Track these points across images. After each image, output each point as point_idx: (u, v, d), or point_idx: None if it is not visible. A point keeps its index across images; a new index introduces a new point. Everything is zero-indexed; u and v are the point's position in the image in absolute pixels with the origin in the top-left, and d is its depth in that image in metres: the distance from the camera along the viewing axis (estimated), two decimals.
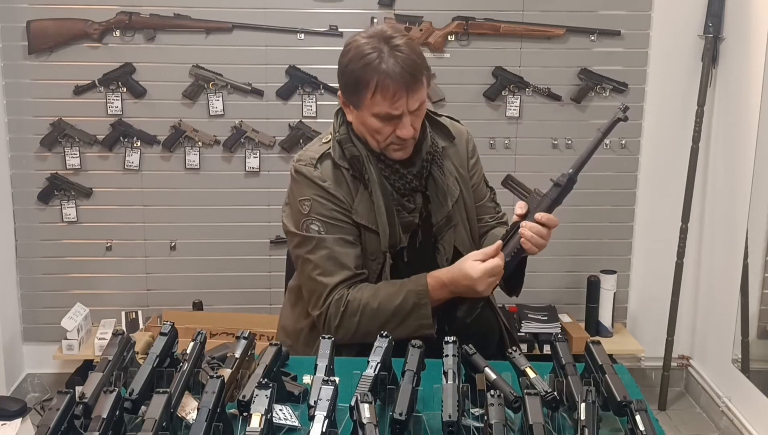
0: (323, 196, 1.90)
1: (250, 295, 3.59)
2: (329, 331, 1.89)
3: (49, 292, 3.54)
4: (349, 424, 1.38)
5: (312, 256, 1.90)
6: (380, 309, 1.86)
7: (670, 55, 3.47)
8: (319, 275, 1.90)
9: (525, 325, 3.44)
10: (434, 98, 3.43)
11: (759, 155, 3.11)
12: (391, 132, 1.84)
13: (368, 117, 1.84)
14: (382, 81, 1.77)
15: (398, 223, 1.90)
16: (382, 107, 1.80)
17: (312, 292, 1.93)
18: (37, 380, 3.64)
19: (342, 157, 1.91)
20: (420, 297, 1.86)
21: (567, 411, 1.52)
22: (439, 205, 1.96)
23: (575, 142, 3.50)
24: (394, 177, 1.91)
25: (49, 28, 3.31)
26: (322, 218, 1.89)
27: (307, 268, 1.92)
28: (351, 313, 1.87)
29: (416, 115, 1.85)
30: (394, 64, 1.77)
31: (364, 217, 1.90)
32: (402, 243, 1.92)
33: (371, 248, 1.92)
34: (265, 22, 3.36)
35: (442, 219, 1.96)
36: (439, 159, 1.96)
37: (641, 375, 3.69)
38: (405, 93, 1.78)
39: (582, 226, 3.59)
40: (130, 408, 1.41)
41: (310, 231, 1.90)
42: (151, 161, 3.46)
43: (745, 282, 3.22)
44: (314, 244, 1.90)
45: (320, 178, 1.91)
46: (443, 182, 1.96)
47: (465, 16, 3.37)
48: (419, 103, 1.83)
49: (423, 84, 1.82)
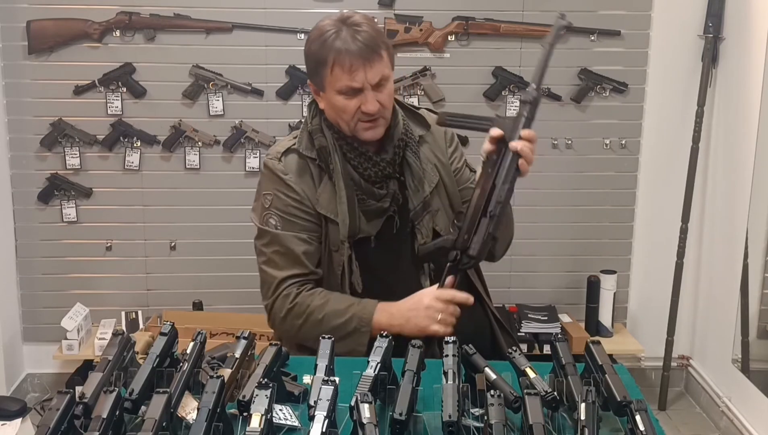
0: (283, 191, 1.93)
1: (250, 295, 3.55)
2: (273, 325, 1.97)
3: (49, 292, 3.54)
4: (349, 424, 1.38)
5: (266, 249, 1.95)
6: (323, 322, 1.88)
7: (670, 55, 3.47)
8: (270, 268, 1.95)
9: (525, 325, 3.44)
10: (434, 98, 3.43)
11: (759, 155, 3.11)
12: (356, 108, 1.85)
13: (333, 96, 1.86)
14: (338, 55, 1.81)
15: (360, 212, 1.92)
16: (342, 81, 1.82)
17: (263, 283, 1.99)
18: (37, 380, 3.64)
19: (310, 147, 1.94)
20: (362, 324, 1.88)
21: (567, 411, 1.52)
22: (416, 190, 1.97)
23: (575, 142, 3.50)
24: (366, 164, 1.92)
25: (49, 28, 3.31)
26: (280, 214, 1.93)
27: (260, 259, 1.98)
28: (295, 315, 1.91)
29: (381, 92, 1.85)
30: (350, 39, 1.81)
31: (326, 208, 1.92)
32: (363, 233, 1.94)
33: (333, 238, 1.94)
34: (265, 22, 3.36)
35: (419, 204, 1.97)
36: (413, 145, 1.98)
37: (641, 375, 3.69)
38: (362, 65, 1.81)
39: (582, 226, 3.60)
40: (130, 408, 1.41)
41: (268, 225, 1.95)
42: (151, 161, 3.47)
43: (745, 282, 3.22)
44: (269, 239, 1.95)
45: (282, 171, 1.94)
46: (419, 168, 1.97)
47: (465, 16, 3.37)
48: (380, 77, 1.84)
49: (383, 58, 1.84)
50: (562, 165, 3.52)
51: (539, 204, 3.53)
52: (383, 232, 1.96)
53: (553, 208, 3.56)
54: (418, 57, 3.42)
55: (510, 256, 3.55)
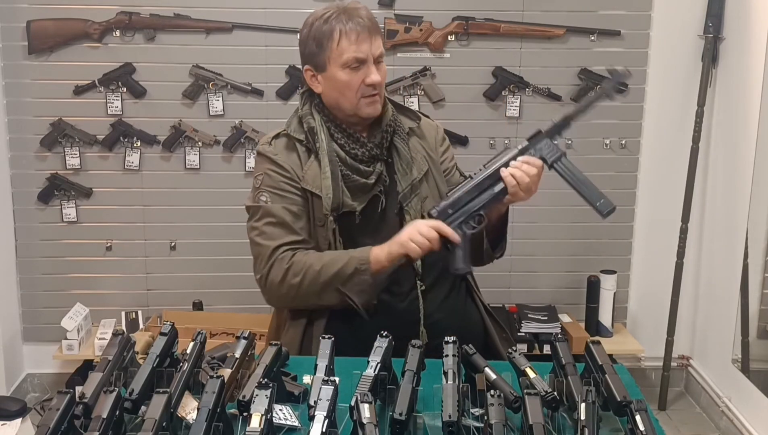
0: (272, 169, 2.00)
1: (250, 295, 3.56)
2: (270, 292, 1.99)
3: (49, 292, 3.54)
4: (349, 424, 1.38)
5: (258, 223, 1.99)
6: (321, 272, 1.92)
7: (670, 55, 3.47)
8: (264, 239, 1.97)
9: (525, 325, 3.44)
10: (434, 98, 3.43)
11: (759, 155, 3.11)
12: (360, 82, 1.93)
13: (337, 71, 1.93)
14: (345, 28, 1.91)
15: (344, 186, 1.97)
16: (349, 53, 1.91)
17: (256, 256, 2.01)
18: (37, 380, 3.64)
19: (299, 130, 2.02)
20: (361, 263, 1.91)
21: (567, 411, 1.52)
22: (404, 173, 2.02)
23: (575, 142, 3.50)
24: (353, 145, 1.99)
25: (49, 28, 3.31)
26: (270, 190, 1.99)
27: (253, 234, 2.01)
28: (293, 274, 1.94)
29: (379, 67, 1.95)
30: (354, 15, 1.92)
31: (310, 184, 1.97)
32: (348, 207, 1.97)
33: (318, 214, 1.98)
34: (265, 22, 3.36)
35: (407, 186, 2.02)
36: (402, 132, 2.05)
37: (641, 375, 3.69)
38: (368, 36, 1.91)
39: (582, 226, 3.59)
40: (130, 408, 1.41)
41: (259, 201, 2.00)
42: (151, 161, 3.46)
43: (745, 282, 3.22)
44: (261, 213, 1.99)
45: (272, 151, 2.02)
46: (407, 152, 2.04)
47: (465, 16, 3.37)
48: (380, 52, 1.95)
49: (381, 38, 1.97)
50: None
51: (539, 204, 3.53)
52: (368, 209, 2.01)
53: (553, 208, 3.55)
54: (418, 57, 3.42)
55: (510, 256, 3.56)
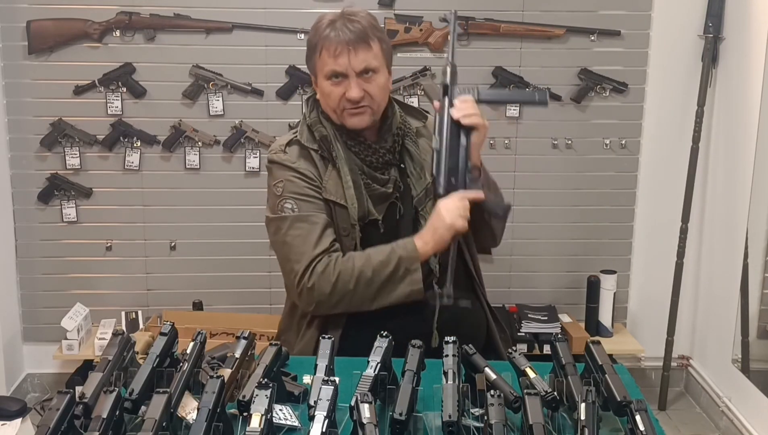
0: (294, 175, 1.96)
1: (250, 295, 3.59)
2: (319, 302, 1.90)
3: (49, 292, 3.54)
4: (349, 424, 1.38)
5: (290, 232, 1.93)
6: (374, 278, 1.89)
7: (670, 55, 3.47)
8: (299, 248, 1.91)
9: (525, 325, 3.44)
10: (434, 98, 3.38)
11: (759, 155, 3.11)
12: (341, 95, 1.92)
13: (322, 81, 1.95)
14: (325, 41, 1.92)
15: (367, 195, 1.95)
16: (328, 65, 1.92)
17: (289, 272, 1.94)
18: (37, 380, 3.64)
19: (311, 139, 1.99)
20: (411, 263, 1.89)
21: (567, 411, 1.52)
22: (418, 177, 2.02)
23: (575, 142, 3.50)
24: (366, 152, 1.97)
25: (49, 28, 3.31)
26: (295, 196, 1.95)
27: (283, 250, 1.95)
28: (345, 282, 1.89)
29: (366, 81, 1.92)
30: (340, 27, 1.91)
31: (333, 193, 1.95)
32: (372, 215, 1.96)
33: (343, 223, 1.96)
34: (265, 22, 3.36)
35: (422, 191, 2.01)
36: (412, 135, 2.04)
37: (641, 375, 3.69)
38: (346, 50, 1.89)
39: (582, 226, 3.59)
40: (130, 408, 1.41)
41: (285, 210, 1.95)
42: (151, 161, 3.46)
43: (745, 282, 3.22)
44: (288, 223, 1.94)
45: (289, 160, 1.98)
46: (419, 156, 2.03)
47: (465, 16, 3.37)
48: (365, 66, 1.91)
49: (371, 49, 1.92)
50: (562, 165, 3.52)
51: (539, 204, 3.53)
52: (387, 218, 2.00)
53: (553, 208, 3.55)
54: (418, 57, 3.42)
55: (510, 256, 3.61)
